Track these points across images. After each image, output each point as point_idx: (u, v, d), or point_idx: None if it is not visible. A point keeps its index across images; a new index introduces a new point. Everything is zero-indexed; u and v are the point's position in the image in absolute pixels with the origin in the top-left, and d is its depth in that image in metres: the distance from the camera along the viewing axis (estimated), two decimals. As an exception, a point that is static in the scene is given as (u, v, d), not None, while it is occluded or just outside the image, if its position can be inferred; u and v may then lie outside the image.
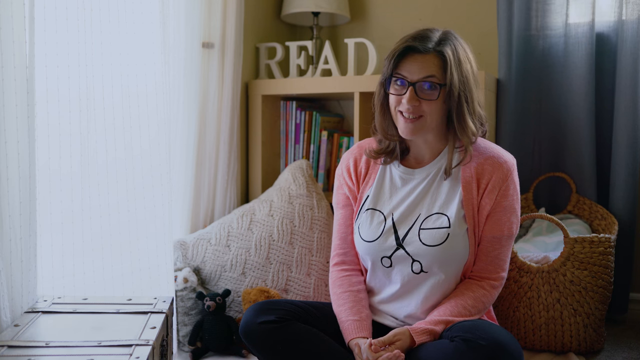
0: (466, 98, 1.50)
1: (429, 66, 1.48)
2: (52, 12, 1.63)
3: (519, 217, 1.58)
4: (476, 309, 1.51)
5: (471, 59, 1.54)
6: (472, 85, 1.52)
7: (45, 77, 1.62)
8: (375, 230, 1.59)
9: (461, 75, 1.49)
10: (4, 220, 1.39)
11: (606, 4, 2.39)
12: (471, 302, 1.50)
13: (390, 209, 1.60)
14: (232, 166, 2.46)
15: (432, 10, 2.79)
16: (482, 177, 1.54)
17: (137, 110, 1.86)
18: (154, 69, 1.91)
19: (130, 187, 1.85)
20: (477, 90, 1.54)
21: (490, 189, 1.53)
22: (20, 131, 1.42)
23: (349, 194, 1.69)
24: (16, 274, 1.44)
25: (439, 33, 1.53)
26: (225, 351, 2.02)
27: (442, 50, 1.48)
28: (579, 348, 2.01)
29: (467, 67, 1.51)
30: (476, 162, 1.55)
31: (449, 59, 1.47)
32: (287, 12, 2.75)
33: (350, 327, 1.53)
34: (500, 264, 1.56)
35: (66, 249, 1.71)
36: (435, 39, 1.50)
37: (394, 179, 1.63)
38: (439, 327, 1.46)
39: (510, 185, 1.54)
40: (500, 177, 1.53)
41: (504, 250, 1.57)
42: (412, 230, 1.55)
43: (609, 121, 2.41)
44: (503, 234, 1.55)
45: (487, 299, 1.54)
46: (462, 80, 1.49)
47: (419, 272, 1.55)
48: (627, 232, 2.33)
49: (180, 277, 2.09)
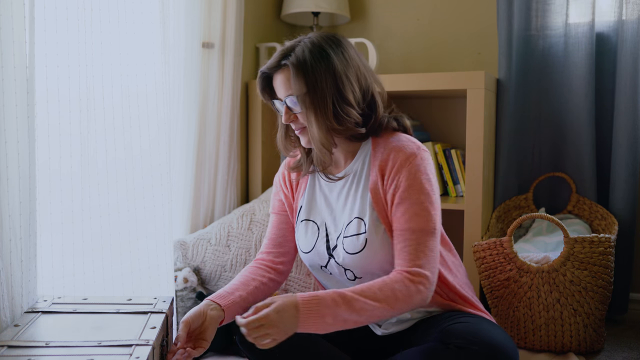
0: (333, 95, 1.42)
1: (284, 83, 1.45)
2: (52, 12, 1.63)
3: (428, 209, 1.43)
4: (383, 294, 1.35)
5: (330, 54, 1.43)
6: (331, 82, 1.42)
7: (45, 77, 1.62)
8: (310, 240, 1.58)
9: (313, 79, 1.41)
10: (4, 220, 1.39)
11: (606, 4, 2.39)
12: (378, 286, 1.36)
13: (323, 218, 1.58)
14: (232, 166, 2.46)
15: (431, 10, 2.79)
16: (385, 171, 1.47)
17: (137, 110, 1.86)
18: (154, 69, 1.91)
19: (130, 187, 1.85)
20: (353, 81, 1.45)
21: (391, 182, 1.45)
22: (20, 131, 1.42)
23: (285, 201, 1.67)
24: (16, 274, 1.43)
25: (289, 45, 1.48)
26: (225, 351, 2.02)
27: (286, 63, 1.44)
28: (579, 348, 2.01)
29: (322, 66, 1.41)
30: (380, 158, 1.48)
31: (291, 70, 1.42)
32: (287, 12, 2.75)
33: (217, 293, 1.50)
34: (409, 257, 1.40)
35: (66, 248, 1.71)
36: (279, 56, 1.46)
37: (322, 187, 1.60)
38: (328, 295, 1.34)
39: (409, 175, 1.43)
40: (398, 167, 1.44)
41: (413, 244, 1.41)
42: (339, 238, 1.53)
43: (609, 121, 2.41)
44: (409, 227, 1.42)
45: (401, 291, 1.36)
46: (315, 84, 1.41)
47: (354, 279, 1.53)
48: (627, 232, 2.33)
49: (180, 277, 2.09)
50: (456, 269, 1.60)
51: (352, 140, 1.53)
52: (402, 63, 2.83)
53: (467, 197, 2.30)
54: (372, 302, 1.34)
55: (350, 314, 1.32)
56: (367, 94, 1.49)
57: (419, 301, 1.38)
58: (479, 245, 2.07)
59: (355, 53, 1.50)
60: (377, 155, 1.49)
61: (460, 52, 2.74)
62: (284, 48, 1.47)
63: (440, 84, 2.33)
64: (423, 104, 2.77)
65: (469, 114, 2.27)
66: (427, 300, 1.40)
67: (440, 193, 2.54)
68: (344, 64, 1.44)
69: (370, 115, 1.50)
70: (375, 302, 1.34)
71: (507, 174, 2.51)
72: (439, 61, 2.79)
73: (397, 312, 1.38)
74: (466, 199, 2.30)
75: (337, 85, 1.42)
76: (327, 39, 1.46)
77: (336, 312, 1.32)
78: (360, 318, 1.34)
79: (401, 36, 2.85)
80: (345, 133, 1.47)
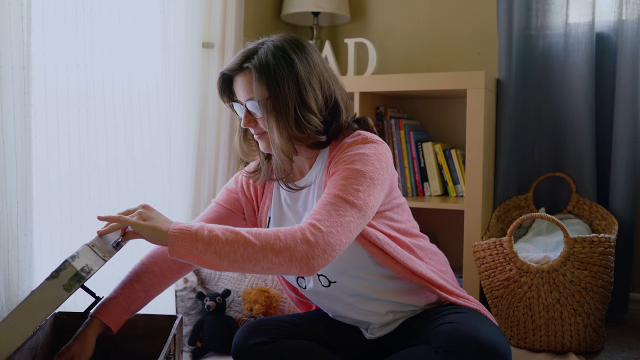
0: (295, 102, 1.38)
1: (245, 86, 1.41)
2: (50, 13, 1.63)
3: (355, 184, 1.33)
4: (265, 236, 1.24)
5: (294, 59, 1.39)
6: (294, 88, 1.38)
7: (43, 77, 1.62)
8: None
9: (275, 84, 1.36)
10: (2, 219, 1.39)
11: (606, 4, 2.39)
12: (266, 230, 1.26)
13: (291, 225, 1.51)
14: (232, 166, 2.46)
15: (431, 10, 2.79)
16: (331, 164, 1.42)
17: (137, 111, 1.87)
18: (154, 69, 1.91)
19: (130, 187, 1.86)
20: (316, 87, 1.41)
21: (333, 166, 1.40)
22: (18, 131, 1.42)
23: (244, 205, 1.61)
24: (13, 273, 1.44)
25: (251, 47, 1.43)
26: (225, 351, 2.02)
27: (248, 66, 1.39)
28: (579, 348, 2.01)
29: (284, 72, 1.37)
30: (332, 156, 1.44)
31: (254, 74, 1.37)
32: (287, 12, 2.75)
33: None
34: (312, 213, 1.30)
35: (65, 248, 1.71)
36: (241, 58, 1.41)
37: (284, 196, 1.56)
38: (198, 230, 1.23)
39: (346, 154, 1.38)
40: (340, 151, 1.40)
41: (325, 204, 1.30)
42: None
43: (609, 121, 2.41)
44: (330, 192, 1.33)
45: (285, 235, 1.24)
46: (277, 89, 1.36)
47: (329, 285, 1.51)
48: (627, 232, 2.33)
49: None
50: (429, 258, 1.55)
51: (312, 147, 1.48)
52: (402, 63, 2.83)
53: (467, 197, 2.29)
54: (246, 242, 1.22)
55: (224, 254, 1.22)
56: (329, 100, 1.45)
57: (303, 254, 1.22)
58: (479, 245, 2.06)
59: (319, 58, 1.46)
60: (331, 156, 1.45)
61: (460, 52, 2.74)
62: (246, 50, 1.43)
63: (440, 84, 2.32)
64: (423, 104, 2.77)
65: (469, 114, 2.27)
66: (314, 260, 1.23)
67: (440, 193, 2.54)
68: (308, 70, 1.40)
69: (332, 122, 1.45)
70: (255, 242, 1.22)
71: (507, 174, 2.50)
72: (439, 61, 2.78)
73: (276, 258, 1.22)
74: (466, 199, 2.30)
75: (300, 91, 1.38)
76: (291, 43, 1.42)
77: (199, 250, 1.22)
78: (225, 261, 1.22)
79: (401, 36, 2.85)
80: (306, 141, 1.43)
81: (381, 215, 1.46)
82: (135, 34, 1.85)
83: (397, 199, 1.52)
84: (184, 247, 1.22)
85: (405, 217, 1.54)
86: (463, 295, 1.54)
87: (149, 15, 1.89)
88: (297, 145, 1.44)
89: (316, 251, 1.23)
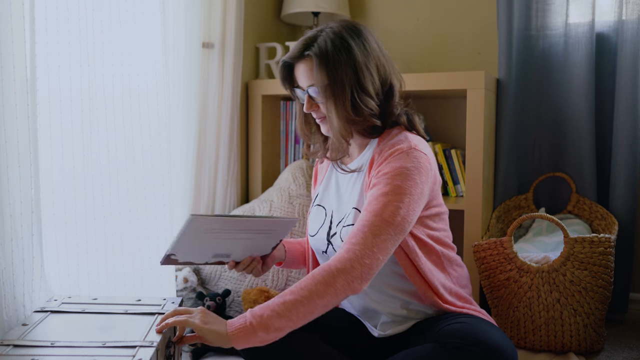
0: (352, 86, 1.43)
1: (306, 73, 1.47)
2: (53, 12, 1.63)
3: (395, 200, 1.37)
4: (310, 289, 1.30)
5: (351, 45, 1.44)
6: (352, 73, 1.43)
7: (47, 77, 1.62)
8: (316, 225, 1.61)
9: (334, 70, 1.43)
10: (5, 220, 1.39)
11: (606, 4, 2.39)
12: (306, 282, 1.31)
13: (331, 206, 1.61)
14: (232, 166, 2.46)
15: (431, 10, 2.79)
16: (374, 163, 1.48)
17: (137, 110, 1.87)
18: (154, 69, 1.91)
19: (131, 187, 1.86)
20: (373, 71, 1.47)
21: (375, 171, 1.45)
22: (20, 131, 1.42)
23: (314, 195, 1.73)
24: (18, 273, 1.44)
25: (311, 34, 1.48)
26: (225, 351, 2.02)
27: (309, 53, 1.45)
28: (579, 348, 2.01)
29: (343, 58, 1.43)
30: (376, 152, 1.50)
31: (314, 61, 1.44)
32: (287, 12, 2.75)
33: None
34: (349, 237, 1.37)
35: (70, 248, 1.72)
36: (302, 45, 1.47)
37: (337, 175, 1.64)
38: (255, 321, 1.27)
39: (390, 165, 1.42)
40: (384, 158, 1.45)
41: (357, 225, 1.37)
42: (339, 226, 1.54)
43: (609, 121, 2.41)
44: (371, 209, 1.38)
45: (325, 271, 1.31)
46: (336, 76, 1.43)
47: None
48: (627, 232, 2.33)
49: (180, 277, 2.09)
50: (452, 269, 1.59)
51: (364, 134, 1.54)
52: (402, 63, 2.83)
53: (467, 197, 2.30)
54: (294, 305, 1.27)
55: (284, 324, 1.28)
56: (385, 83, 1.51)
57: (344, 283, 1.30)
58: (479, 245, 2.07)
59: (375, 42, 1.51)
60: (377, 149, 1.51)
61: (460, 52, 2.74)
62: (306, 37, 1.49)
63: (440, 84, 2.33)
64: (423, 104, 2.77)
65: (469, 114, 2.27)
66: (355, 284, 1.31)
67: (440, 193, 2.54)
68: (365, 54, 1.46)
69: (386, 106, 1.52)
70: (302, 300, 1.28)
71: (507, 174, 2.51)
72: (439, 61, 2.78)
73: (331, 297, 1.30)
74: (466, 199, 2.30)
75: (358, 75, 1.44)
76: (348, 29, 1.48)
77: (262, 337, 1.27)
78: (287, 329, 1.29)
79: (401, 36, 2.85)
80: (363, 124, 1.49)
81: (418, 221, 1.50)
82: (135, 34, 1.85)
83: (437, 207, 1.56)
84: (249, 340, 1.27)
85: (442, 226, 1.58)
86: (479, 309, 1.56)
87: (148, 15, 1.88)
88: (353, 128, 1.50)
89: (353, 275, 1.31)
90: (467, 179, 2.30)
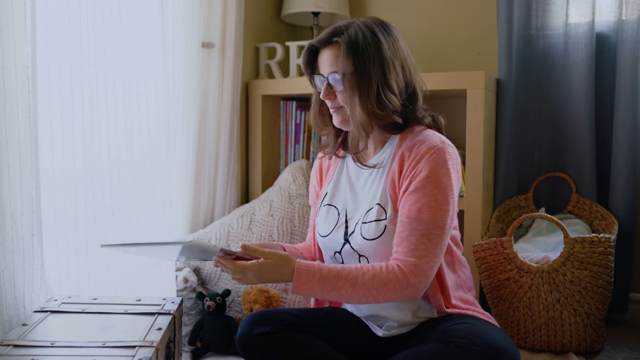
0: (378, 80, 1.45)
1: (331, 59, 1.48)
2: (54, 12, 1.63)
3: (442, 203, 1.42)
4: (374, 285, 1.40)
5: (381, 41, 1.46)
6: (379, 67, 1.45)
7: (47, 77, 1.62)
8: (329, 225, 1.60)
9: (361, 60, 1.44)
10: (6, 220, 1.39)
11: (606, 4, 2.39)
12: (371, 275, 1.40)
13: (344, 204, 1.60)
14: (232, 166, 2.46)
15: (431, 10, 2.79)
16: (404, 161, 1.48)
17: (137, 111, 1.86)
18: (154, 69, 1.91)
19: (131, 187, 1.86)
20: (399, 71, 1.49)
21: (410, 170, 1.46)
22: (21, 131, 1.42)
23: (317, 190, 1.72)
24: (18, 273, 1.44)
25: (341, 24, 1.50)
26: (225, 351, 2.02)
27: (337, 40, 1.47)
28: (579, 348, 2.02)
29: (372, 50, 1.44)
30: (403, 148, 1.50)
31: (342, 48, 1.45)
32: (287, 12, 2.74)
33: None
34: (411, 247, 1.41)
35: (70, 248, 1.72)
36: (331, 32, 1.49)
37: (349, 173, 1.63)
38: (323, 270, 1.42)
39: (428, 166, 1.43)
40: (419, 157, 1.45)
41: (418, 234, 1.41)
42: (357, 224, 1.53)
43: (609, 121, 2.41)
44: (419, 216, 1.41)
45: (392, 283, 1.39)
46: (362, 66, 1.44)
47: None
48: (627, 232, 2.33)
49: (180, 277, 2.09)
50: (461, 270, 1.60)
51: (384, 130, 1.55)
52: (402, 63, 2.83)
53: (467, 197, 2.30)
54: (360, 290, 1.40)
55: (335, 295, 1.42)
56: (409, 86, 1.52)
57: (409, 295, 1.40)
58: (479, 245, 2.07)
59: (404, 44, 1.53)
60: (402, 146, 1.51)
61: (460, 52, 2.74)
62: (336, 26, 1.50)
63: (440, 84, 2.32)
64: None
65: (469, 114, 2.27)
66: (418, 295, 1.41)
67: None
68: (393, 52, 1.48)
69: (409, 107, 1.52)
70: (364, 290, 1.40)
71: (507, 174, 2.51)
72: (439, 61, 2.78)
73: (383, 301, 1.43)
74: (466, 199, 2.30)
75: (384, 71, 1.45)
76: (379, 26, 1.49)
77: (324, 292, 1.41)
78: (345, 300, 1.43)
79: (401, 36, 2.84)
80: (384, 120, 1.50)
81: None
82: (136, 34, 1.85)
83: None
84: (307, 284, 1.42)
85: (456, 224, 1.58)
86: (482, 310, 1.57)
87: (148, 16, 1.88)
88: (374, 123, 1.51)
89: (421, 289, 1.41)
90: (467, 179, 2.30)
